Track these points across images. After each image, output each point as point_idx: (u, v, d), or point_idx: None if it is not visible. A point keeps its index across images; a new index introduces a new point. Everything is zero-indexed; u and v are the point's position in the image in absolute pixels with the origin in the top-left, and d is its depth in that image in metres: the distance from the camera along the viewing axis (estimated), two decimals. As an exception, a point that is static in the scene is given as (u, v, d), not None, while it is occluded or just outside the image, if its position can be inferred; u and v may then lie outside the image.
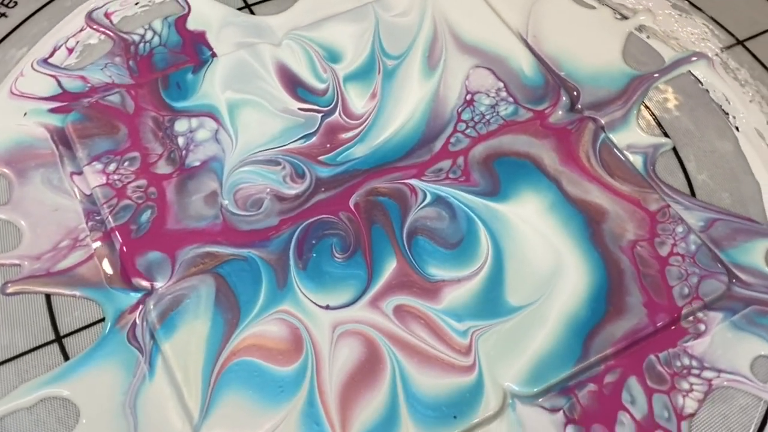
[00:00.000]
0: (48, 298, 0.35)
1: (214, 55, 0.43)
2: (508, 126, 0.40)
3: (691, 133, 0.41)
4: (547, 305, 0.34)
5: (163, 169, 0.38)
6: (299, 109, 0.41)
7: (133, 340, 0.34)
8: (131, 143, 0.39)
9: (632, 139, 0.41)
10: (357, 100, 0.41)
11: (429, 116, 0.41)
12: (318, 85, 0.42)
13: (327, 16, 0.45)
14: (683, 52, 0.45)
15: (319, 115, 0.40)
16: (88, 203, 0.37)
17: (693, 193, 0.39)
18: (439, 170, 0.39)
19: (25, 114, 0.41)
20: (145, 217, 0.37)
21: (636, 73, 0.43)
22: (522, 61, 0.43)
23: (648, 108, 0.42)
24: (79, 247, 0.36)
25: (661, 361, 0.33)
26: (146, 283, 0.35)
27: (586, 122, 0.41)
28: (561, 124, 0.41)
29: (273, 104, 0.41)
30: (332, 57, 0.43)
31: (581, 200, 0.38)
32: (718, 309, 0.35)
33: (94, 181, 0.38)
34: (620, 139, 0.40)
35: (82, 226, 0.37)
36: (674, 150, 0.41)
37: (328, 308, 0.34)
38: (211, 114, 0.40)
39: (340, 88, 0.42)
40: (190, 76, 0.42)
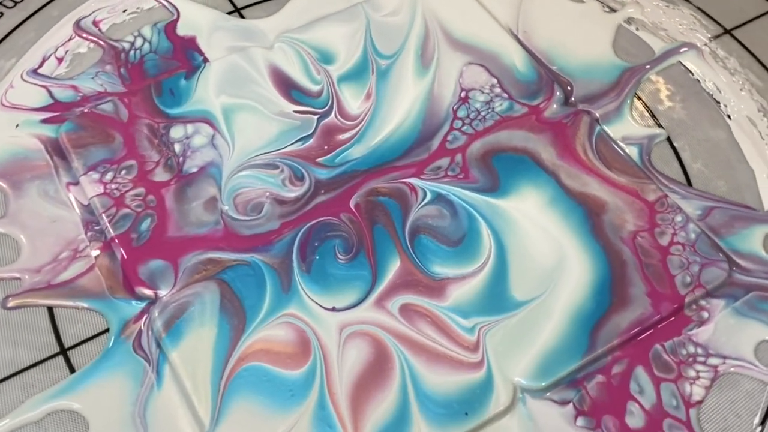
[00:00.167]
0: (50, 310, 0.35)
1: (206, 60, 0.43)
2: (504, 122, 0.41)
3: (685, 122, 0.42)
4: (552, 299, 0.35)
5: (160, 176, 0.38)
6: (295, 112, 0.40)
7: (139, 350, 0.33)
8: (127, 151, 0.39)
9: (627, 130, 0.41)
10: (352, 101, 0.41)
11: (425, 115, 0.41)
12: (312, 87, 0.42)
13: (317, 18, 0.45)
14: (672, 43, 0.45)
15: (315, 117, 0.40)
16: (87, 213, 0.37)
17: (689, 182, 0.39)
18: (438, 168, 0.39)
19: (17, 126, 0.40)
20: (145, 225, 0.36)
21: (627, 65, 0.44)
22: (514, 57, 0.43)
23: (641, 99, 0.43)
24: (79, 258, 0.36)
25: (667, 350, 0.34)
26: (150, 292, 0.34)
27: (581, 115, 0.41)
28: (556, 118, 0.41)
29: (268, 108, 0.41)
30: (325, 58, 0.43)
31: (580, 193, 0.38)
32: (720, 296, 0.35)
33: (92, 190, 0.37)
34: (615, 131, 0.41)
35: (82, 236, 0.36)
36: (668, 140, 0.41)
37: (334, 310, 0.34)
38: (206, 119, 0.40)
39: (334, 89, 0.41)
40: (183, 82, 0.41)
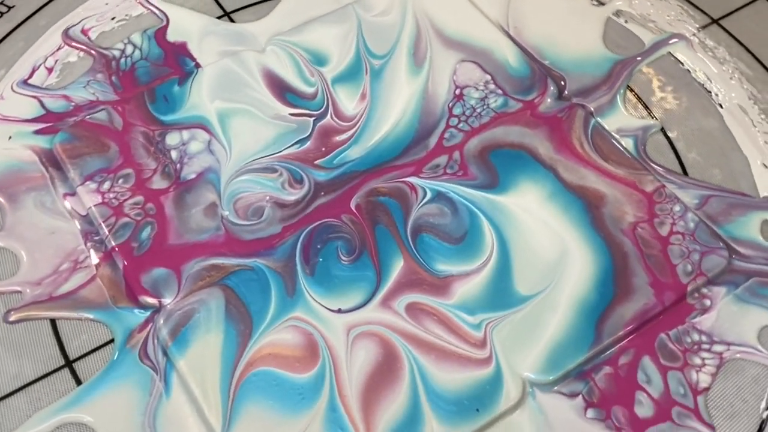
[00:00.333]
0: (53, 323, 0.34)
1: (198, 66, 0.42)
2: (500, 118, 0.41)
3: (677, 113, 0.42)
4: (556, 292, 0.35)
5: (158, 184, 0.38)
6: (290, 115, 0.40)
7: (145, 359, 0.33)
8: (123, 160, 0.38)
9: (621, 122, 0.41)
10: (347, 102, 0.41)
11: (420, 113, 0.41)
12: (307, 89, 0.41)
13: (308, 20, 0.45)
14: (662, 35, 0.45)
15: (311, 120, 0.40)
16: (85, 224, 0.37)
17: (685, 172, 0.40)
18: (437, 166, 0.39)
19: (10, 138, 0.40)
20: (146, 233, 0.36)
21: (618, 57, 0.44)
22: (506, 53, 0.43)
23: (633, 91, 0.43)
24: (80, 269, 0.35)
25: (672, 339, 0.34)
26: (153, 301, 0.34)
27: (576, 109, 0.41)
28: (551, 113, 0.41)
29: (264, 111, 0.40)
30: (318, 60, 0.43)
31: (579, 186, 0.38)
32: (721, 283, 0.36)
33: (90, 200, 0.37)
34: (609, 123, 0.41)
35: (81, 247, 0.36)
36: (662, 131, 0.41)
37: (340, 312, 0.34)
38: (202, 125, 0.40)
39: (329, 90, 0.41)
40: (176, 89, 0.41)
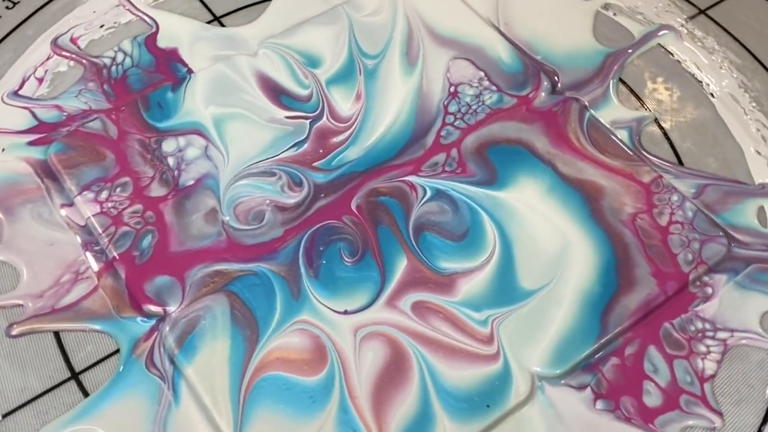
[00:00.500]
0: (57, 335, 0.34)
1: (190, 71, 0.42)
2: (496, 114, 0.41)
3: (670, 103, 0.42)
4: (560, 286, 0.35)
5: (157, 191, 0.37)
6: (286, 118, 0.40)
7: (152, 368, 0.33)
8: (120, 168, 0.38)
9: (615, 115, 0.41)
10: (342, 103, 0.41)
11: (416, 112, 0.41)
12: (301, 92, 0.41)
13: (299, 22, 0.45)
14: (651, 26, 0.46)
15: (307, 122, 0.40)
16: (85, 234, 0.36)
17: (680, 162, 0.40)
18: (435, 164, 0.39)
19: (3, 150, 0.39)
20: (147, 242, 0.36)
21: (609, 50, 0.44)
22: (499, 49, 0.43)
23: (625, 83, 0.43)
24: (81, 280, 0.35)
25: (676, 328, 0.34)
26: (158, 309, 0.34)
27: (570, 103, 0.41)
28: (546, 107, 0.41)
29: (259, 115, 0.40)
30: (311, 62, 0.43)
31: (577, 179, 0.38)
32: (721, 271, 0.36)
33: (88, 210, 0.37)
34: (603, 115, 0.41)
35: (82, 258, 0.36)
36: (656, 121, 0.42)
37: (346, 313, 0.34)
38: (198, 131, 0.40)
39: (323, 92, 0.41)
40: (170, 95, 0.41)
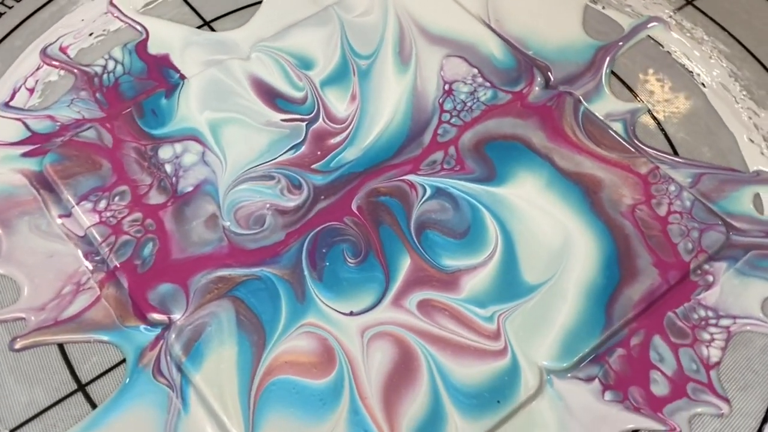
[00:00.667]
0: (61, 347, 0.34)
1: (183, 77, 0.42)
2: (491, 110, 0.41)
3: (662, 94, 0.43)
4: (564, 279, 0.35)
5: (156, 199, 0.37)
6: (282, 120, 0.40)
7: (159, 377, 0.33)
8: (117, 177, 0.38)
9: (609, 107, 0.42)
10: (338, 104, 0.41)
11: (412, 111, 0.41)
12: (296, 94, 0.41)
13: (290, 25, 0.44)
14: (639, 18, 0.46)
15: (304, 124, 0.40)
16: (84, 244, 0.36)
17: (675, 152, 0.40)
18: (433, 162, 0.39)
19: (-4, 162, 0.39)
20: (148, 250, 0.36)
21: (599, 43, 0.45)
22: (491, 46, 0.44)
23: (617, 76, 0.43)
24: (83, 291, 0.35)
25: (680, 316, 0.35)
26: (163, 317, 0.34)
27: (564, 97, 0.41)
28: (540, 102, 0.41)
29: (255, 119, 0.40)
30: (304, 64, 0.43)
31: (575, 173, 0.39)
32: (721, 259, 0.36)
33: (87, 221, 0.36)
34: (597, 108, 0.41)
35: (82, 268, 0.35)
36: (649, 113, 0.42)
37: (352, 314, 0.34)
38: (194, 137, 0.39)
39: (318, 94, 0.41)
40: (164, 102, 0.41)
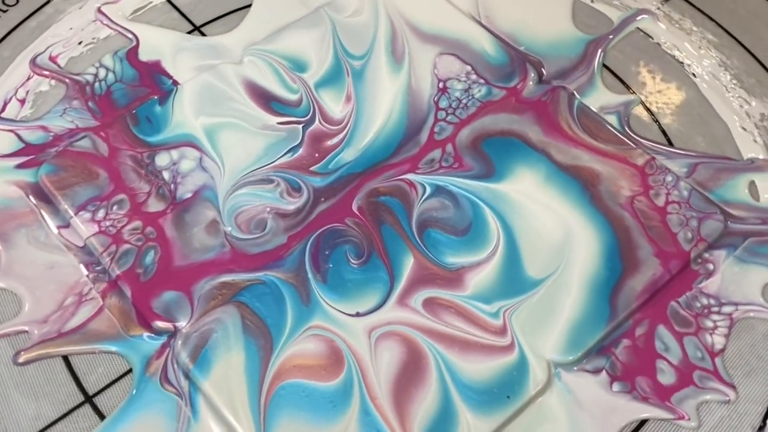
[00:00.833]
0: (66, 359, 0.33)
1: (175, 83, 0.42)
2: (486, 107, 0.41)
3: (654, 85, 0.43)
4: (567, 272, 0.35)
5: (155, 206, 0.37)
6: (278, 124, 0.40)
7: (167, 385, 0.32)
8: (115, 186, 0.37)
9: (602, 100, 0.42)
10: (333, 105, 0.41)
11: (408, 110, 0.41)
12: (291, 97, 0.41)
13: (281, 27, 0.44)
14: (628, 11, 0.46)
15: (300, 126, 0.40)
16: (85, 255, 0.36)
17: (670, 142, 0.41)
18: (431, 161, 0.39)
19: (-9, 175, 0.38)
20: (150, 258, 0.35)
21: (590, 37, 0.45)
22: (482, 42, 0.44)
23: (609, 69, 0.44)
24: (85, 302, 0.35)
25: (683, 305, 0.35)
26: (168, 325, 0.34)
27: (558, 91, 0.42)
28: (535, 97, 0.41)
29: (251, 123, 0.40)
30: (298, 66, 0.42)
31: (573, 167, 0.39)
32: (720, 247, 0.37)
33: (86, 231, 0.36)
34: (591, 102, 0.42)
35: (84, 279, 0.35)
36: (643, 104, 0.42)
37: (358, 315, 0.34)
38: (190, 143, 0.39)
39: (313, 96, 0.41)
40: (158, 108, 0.40)
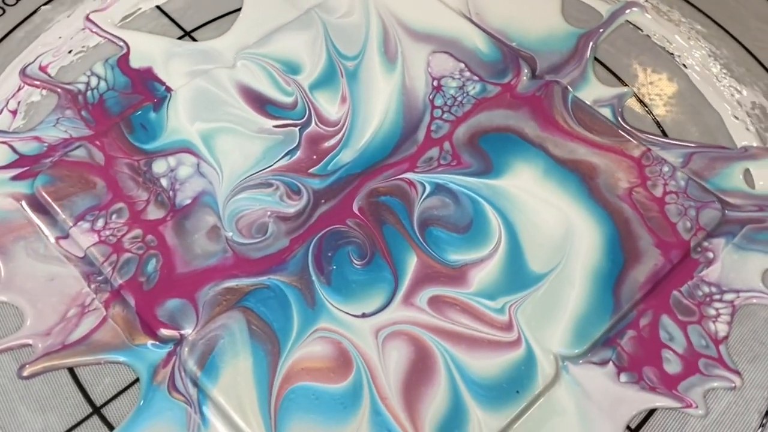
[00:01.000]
0: (72, 371, 0.33)
1: (169, 90, 0.41)
2: (481, 103, 0.41)
3: (646, 77, 0.43)
4: (570, 266, 0.35)
5: (154, 214, 0.37)
6: (274, 127, 0.40)
7: (175, 393, 0.32)
8: (113, 195, 0.37)
9: (595, 93, 0.42)
10: (329, 107, 0.41)
11: (403, 109, 0.41)
12: (286, 100, 0.41)
13: (272, 30, 0.44)
14: (617, 4, 0.47)
15: (297, 129, 0.40)
16: (85, 265, 0.35)
17: (664, 133, 0.41)
18: (430, 159, 0.39)
19: (-15, 188, 0.38)
20: (152, 266, 0.35)
21: (580, 31, 0.45)
22: (474, 40, 0.44)
23: (600, 62, 0.44)
24: (88, 313, 0.34)
25: (685, 294, 0.35)
26: (173, 333, 0.33)
27: (552, 86, 0.42)
28: (529, 93, 0.42)
29: (247, 127, 0.40)
30: (291, 69, 0.42)
31: (570, 160, 0.39)
32: (719, 235, 0.37)
33: (86, 241, 0.36)
34: (585, 95, 0.42)
35: (86, 290, 0.35)
36: (636, 96, 0.43)
37: (364, 316, 0.34)
38: (187, 149, 0.39)
39: (308, 98, 0.41)
40: (152, 115, 0.40)
